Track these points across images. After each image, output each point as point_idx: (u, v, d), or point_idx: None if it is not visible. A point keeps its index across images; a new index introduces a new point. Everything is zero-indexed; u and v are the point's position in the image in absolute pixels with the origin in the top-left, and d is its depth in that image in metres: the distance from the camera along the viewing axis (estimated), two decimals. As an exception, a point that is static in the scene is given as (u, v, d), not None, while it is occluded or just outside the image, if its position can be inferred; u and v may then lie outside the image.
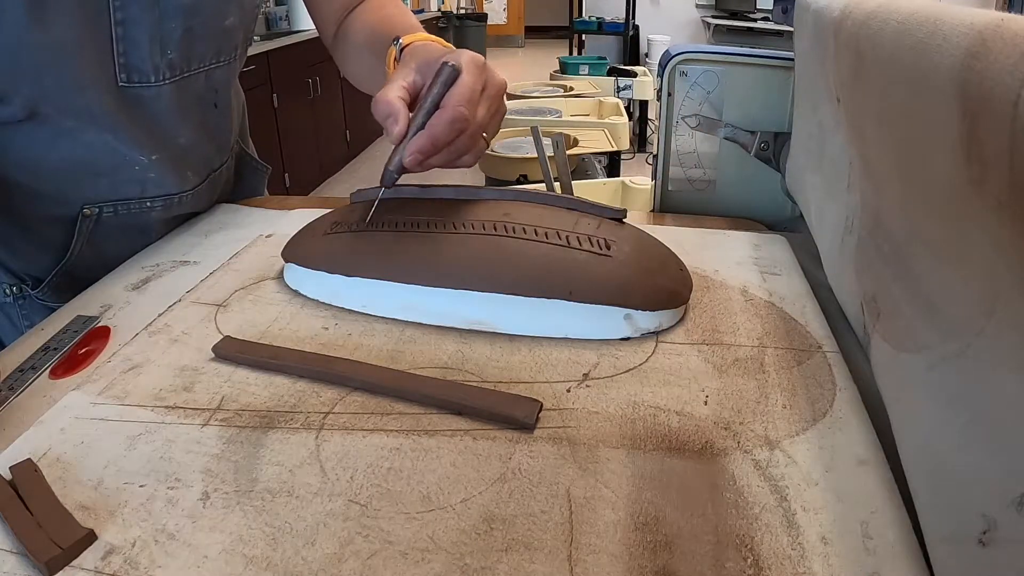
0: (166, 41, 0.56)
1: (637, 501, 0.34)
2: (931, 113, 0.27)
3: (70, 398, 0.42)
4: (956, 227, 0.28)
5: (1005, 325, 0.24)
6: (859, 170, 0.42)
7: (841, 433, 0.38)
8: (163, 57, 0.57)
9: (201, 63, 0.61)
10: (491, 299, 0.48)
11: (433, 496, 0.35)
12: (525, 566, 0.31)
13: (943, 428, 0.29)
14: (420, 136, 0.45)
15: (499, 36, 9.03)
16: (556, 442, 0.38)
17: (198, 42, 0.60)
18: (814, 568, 0.30)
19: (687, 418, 0.40)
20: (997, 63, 0.22)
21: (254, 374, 0.44)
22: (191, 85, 0.61)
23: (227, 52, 0.64)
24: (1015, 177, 0.22)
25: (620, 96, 3.31)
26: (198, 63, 0.61)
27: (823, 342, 0.47)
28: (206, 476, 0.36)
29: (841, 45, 0.42)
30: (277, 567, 0.31)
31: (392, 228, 0.51)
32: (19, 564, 0.31)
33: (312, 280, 0.53)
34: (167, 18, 0.56)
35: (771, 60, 0.68)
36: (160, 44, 0.56)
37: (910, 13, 0.31)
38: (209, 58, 0.62)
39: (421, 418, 0.40)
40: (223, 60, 0.64)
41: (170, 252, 0.63)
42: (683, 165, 0.73)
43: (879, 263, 0.38)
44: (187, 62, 0.60)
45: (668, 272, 0.50)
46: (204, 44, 0.61)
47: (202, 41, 0.60)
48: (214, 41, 0.62)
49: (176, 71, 0.59)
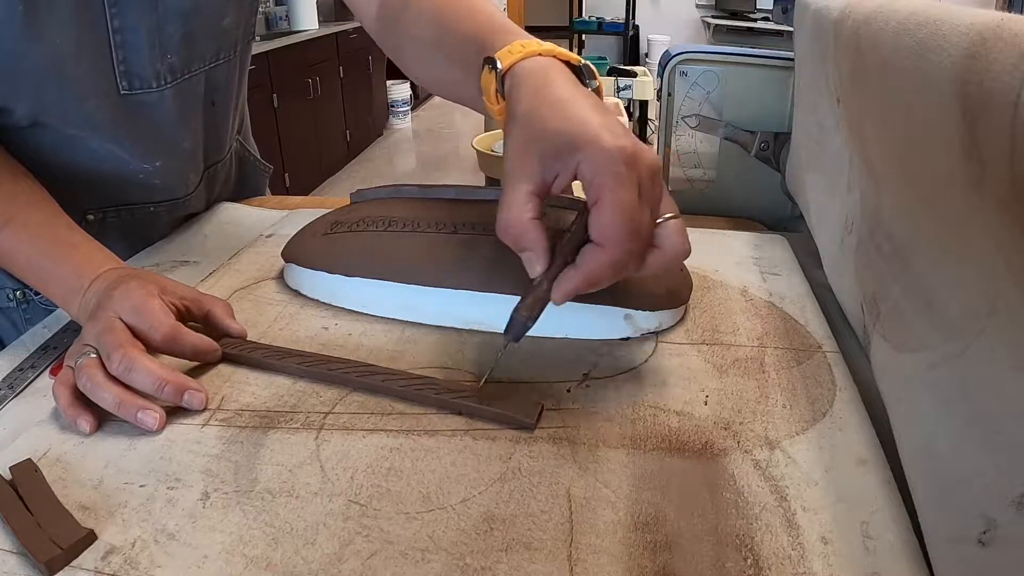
0: (165, 45, 0.56)
1: (637, 501, 0.34)
2: (931, 113, 0.27)
3: (70, 398, 0.42)
4: (956, 227, 0.28)
5: (1005, 325, 0.24)
6: (859, 170, 0.42)
7: (841, 433, 0.38)
8: (163, 62, 0.57)
9: (201, 64, 0.61)
10: (491, 299, 0.48)
11: (433, 496, 0.35)
12: (525, 566, 0.31)
13: (943, 428, 0.29)
14: (573, 277, 0.35)
15: (499, 36, 9.03)
16: (556, 442, 0.38)
17: (197, 44, 0.59)
18: (814, 568, 0.30)
19: (687, 418, 0.40)
20: (997, 63, 0.22)
21: (254, 374, 0.44)
22: (191, 87, 0.61)
23: (226, 50, 0.64)
24: (1015, 177, 0.22)
25: (620, 96, 3.30)
26: (198, 64, 0.61)
27: (823, 342, 0.47)
28: (206, 476, 0.36)
29: (841, 45, 0.42)
30: (277, 567, 0.31)
31: (392, 228, 0.51)
32: (19, 564, 0.31)
33: (312, 280, 0.53)
34: (165, 22, 0.55)
35: (771, 60, 0.68)
36: (160, 49, 0.56)
37: (910, 13, 0.31)
38: (209, 58, 0.62)
39: (421, 418, 0.40)
40: (222, 58, 0.64)
41: (170, 252, 0.63)
42: (683, 165, 0.73)
43: (879, 263, 0.38)
44: (187, 64, 0.59)
45: (668, 272, 0.50)
46: (203, 45, 0.60)
47: (201, 42, 0.60)
48: (213, 41, 0.61)
49: (177, 74, 0.58)
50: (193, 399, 0.41)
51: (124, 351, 0.40)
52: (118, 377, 0.40)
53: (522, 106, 0.36)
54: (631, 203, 0.33)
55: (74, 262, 0.47)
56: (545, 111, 0.35)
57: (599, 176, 0.33)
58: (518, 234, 0.35)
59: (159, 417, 0.39)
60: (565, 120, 0.34)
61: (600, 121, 0.34)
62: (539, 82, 0.37)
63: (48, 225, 0.49)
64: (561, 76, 0.37)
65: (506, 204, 0.35)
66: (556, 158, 0.34)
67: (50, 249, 0.48)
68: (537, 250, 0.35)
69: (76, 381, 0.40)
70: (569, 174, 0.34)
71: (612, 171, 0.33)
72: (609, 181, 0.33)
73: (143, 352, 0.41)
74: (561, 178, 0.35)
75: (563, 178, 0.35)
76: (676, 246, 0.36)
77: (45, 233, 0.48)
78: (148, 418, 0.39)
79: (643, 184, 0.34)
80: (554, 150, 0.34)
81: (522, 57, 0.38)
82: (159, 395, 0.40)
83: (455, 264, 0.48)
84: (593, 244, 0.34)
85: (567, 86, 0.36)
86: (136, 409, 0.39)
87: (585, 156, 0.33)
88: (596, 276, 0.35)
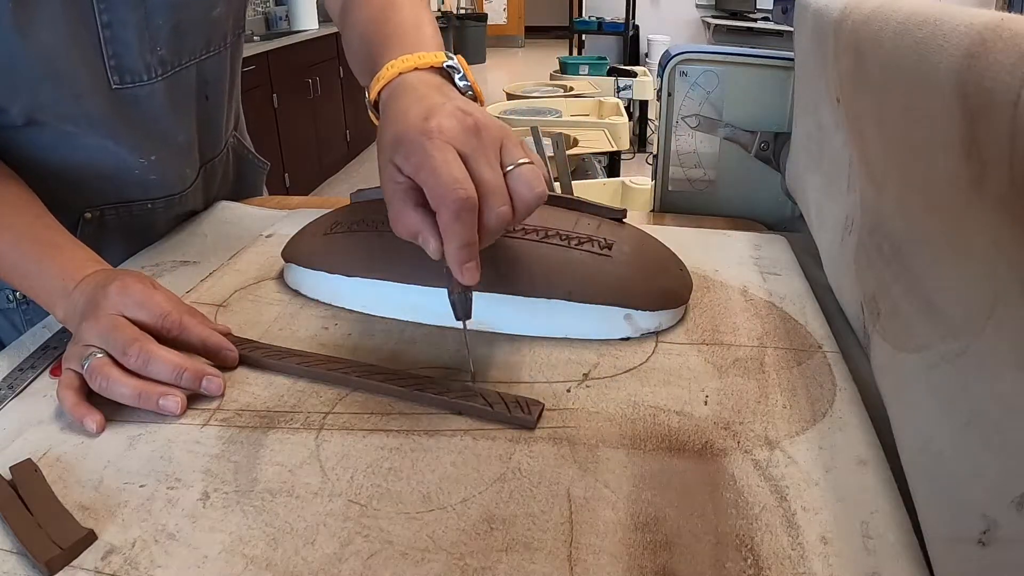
0: (155, 38, 0.56)
1: (637, 501, 0.34)
2: (931, 113, 0.27)
3: (70, 398, 0.42)
4: (956, 227, 0.28)
5: (1005, 325, 0.24)
6: (859, 170, 0.42)
7: (841, 433, 0.38)
8: (153, 54, 0.57)
9: (191, 56, 0.61)
10: (491, 299, 0.48)
11: (433, 496, 0.35)
12: (525, 566, 0.31)
13: (943, 428, 0.29)
14: (447, 248, 0.37)
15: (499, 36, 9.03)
16: (556, 442, 0.38)
17: (186, 36, 0.60)
18: (814, 568, 0.30)
19: (687, 418, 0.40)
20: (997, 63, 0.22)
21: (254, 374, 0.44)
22: (183, 79, 0.61)
23: (216, 42, 0.64)
24: (1015, 177, 0.22)
25: (620, 96, 3.31)
26: (188, 56, 0.61)
27: (823, 342, 0.47)
28: (206, 476, 0.36)
29: (841, 45, 0.42)
30: (277, 567, 0.31)
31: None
32: (19, 564, 0.31)
33: (312, 280, 0.53)
34: (153, 15, 0.55)
35: (771, 60, 0.68)
36: (149, 42, 0.56)
37: (910, 13, 0.31)
38: (199, 50, 0.62)
39: (421, 418, 0.40)
40: (213, 51, 0.64)
41: (170, 252, 0.63)
42: (683, 165, 0.73)
43: (879, 263, 0.38)
44: (177, 56, 0.60)
45: (668, 272, 0.50)
46: (193, 37, 0.61)
47: (190, 34, 0.60)
48: (202, 33, 0.62)
49: (167, 67, 0.59)
50: (211, 384, 0.42)
51: (140, 344, 0.41)
52: (136, 371, 0.41)
53: (381, 123, 0.42)
54: (443, 163, 0.36)
55: (59, 263, 0.47)
56: (388, 125, 0.40)
57: (411, 158, 0.37)
58: (406, 224, 0.39)
59: (180, 401, 0.40)
60: (394, 125, 0.40)
61: (417, 113, 0.39)
62: (393, 102, 0.42)
63: (32, 227, 0.49)
64: (411, 93, 0.42)
65: (387, 205, 0.39)
66: (395, 157, 0.38)
67: (34, 251, 0.48)
68: (424, 231, 0.38)
69: (89, 383, 0.41)
70: (407, 166, 0.38)
71: (419, 148, 0.37)
72: (417, 158, 0.37)
73: (157, 343, 0.42)
74: (406, 171, 0.38)
75: (407, 170, 0.38)
76: (524, 188, 0.38)
77: (29, 235, 0.48)
78: (170, 403, 0.40)
79: (468, 144, 0.38)
80: (392, 152, 0.39)
81: (386, 83, 0.44)
82: (178, 383, 0.41)
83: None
84: (438, 213, 0.37)
85: (411, 96, 0.42)
86: (157, 396, 0.40)
87: (401, 148, 0.38)
88: (458, 237, 0.37)
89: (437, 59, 0.44)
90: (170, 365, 0.41)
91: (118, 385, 0.40)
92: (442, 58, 0.44)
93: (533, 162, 0.39)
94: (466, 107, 0.39)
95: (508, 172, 0.38)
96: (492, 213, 0.37)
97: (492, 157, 0.38)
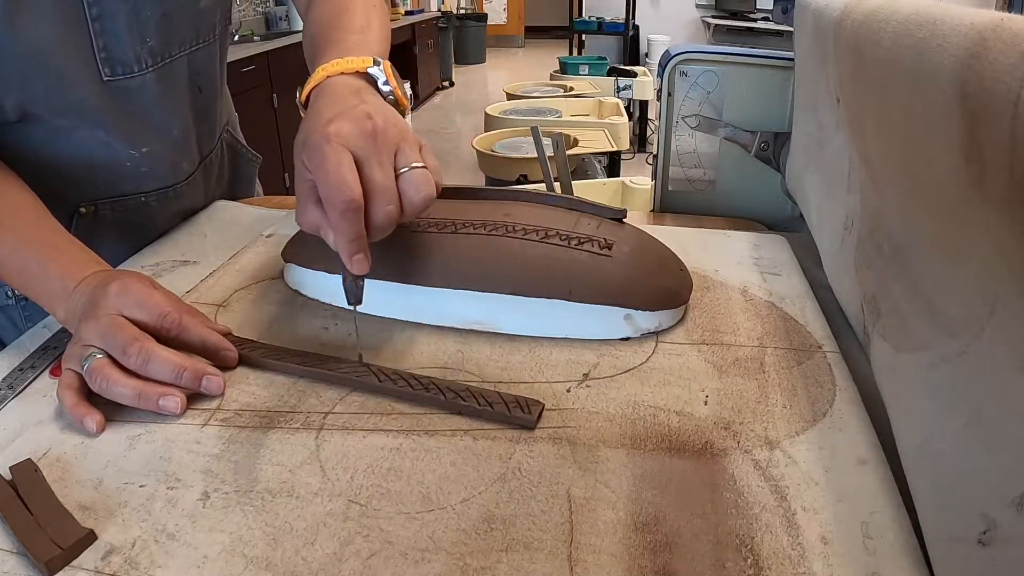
0: (144, 29, 0.57)
1: (637, 501, 0.34)
2: (931, 113, 0.27)
3: (70, 398, 0.42)
4: (956, 227, 0.28)
5: (1005, 325, 0.24)
6: (859, 170, 0.42)
7: (841, 433, 0.38)
8: (143, 46, 0.57)
9: (181, 47, 0.62)
10: (491, 299, 0.48)
11: (433, 496, 0.35)
12: (525, 566, 0.31)
13: (943, 428, 0.29)
14: (335, 239, 0.40)
15: (499, 36, 9.03)
16: (556, 442, 0.38)
17: (175, 26, 0.60)
18: (814, 568, 0.30)
19: (687, 418, 0.40)
20: (997, 63, 0.22)
21: (254, 374, 0.44)
22: (174, 71, 0.62)
23: (205, 33, 0.65)
24: (1015, 177, 0.22)
25: (620, 96, 3.31)
26: (178, 47, 0.62)
27: (823, 342, 0.47)
28: (206, 476, 0.36)
29: (841, 45, 0.42)
30: (277, 567, 0.31)
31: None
32: (19, 564, 0.31)
33: (312, 280, 0.53)
34: (142, 6, 0.56)
35: (771, 60, 0.68)
36: (139, 33, 0.57)
37: (910, 13, 0.31)
38: (189, 42, 0.63)
39: (421, 418, 0.40)
40: (202, 42, 0.65)
41: (170, 252, 0.63)
42: (683, 165, 0.73)
43: (879, 263, 0.38)
44: (167, 48, 0.60)
45: (668, 272, 0.50)
46: (182, 28, 0.61)
47: (179, 25, 0.61)
48: (191, 24, 0.62)
49: (157, 58, 0.59)
50: (211, 383, 0.42)
51: (140, 344, 0.41)
52: (135, 370, 0.41)
53: (301, 123, 0.46)
54: (335, 166, 0.39)
55: (60, 265, 0.47)
56: (303, 125, 0.44)
57: (312, 158, 0.40)
58: (308, 219, 0.41)
59: (180, 400, 0.41)
60: (306, 125, 0.43)
61: (326, 117, 0.42)
62: (314, 103, 0.46)
63: (33, 229, 0.49)
64: (330, 95, 0.45)
65: (296, 202, 0.43)
66: (302, 156, 0.42)
67: (36, 253, 0.48)
68: (324, 226, 0.41)
69: (89, 383, 0.41)
70: (310, 165, 0.41)
71: (318, 149, 0.40)
72: (315, 159, 0.40)
73: (157, 343, 0.42)
74: (309, 169, 0.41)
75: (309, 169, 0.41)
76: (412, 190, 0.41)
77: (30, 237, 0.49)
78: (171, 403, 0.40)
79: (363, 147, 0.41)
80: (300, 151, 0.42)
81: (314, 85, 0.47)
82: (178, 382, 0.41)
83: (455, 264, 0.48)
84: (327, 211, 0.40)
85: (328, 99, 0.45)
86: (157, 396, 0.40)
87: (306, 149, 0.41)
88: (345, 232, 0.40)
89: (363, 64, 0.48)
90: (170, 365, 0.41)
91: (118, 385, 0.40)
92: (368, 63, 0.48)
93: (427, 166, 0.42)
94: (375, 111, 0.42)
95: (400, 174, 0.42)
96: (380, 212, 0.40)
97: (385, 160, 0.41)
